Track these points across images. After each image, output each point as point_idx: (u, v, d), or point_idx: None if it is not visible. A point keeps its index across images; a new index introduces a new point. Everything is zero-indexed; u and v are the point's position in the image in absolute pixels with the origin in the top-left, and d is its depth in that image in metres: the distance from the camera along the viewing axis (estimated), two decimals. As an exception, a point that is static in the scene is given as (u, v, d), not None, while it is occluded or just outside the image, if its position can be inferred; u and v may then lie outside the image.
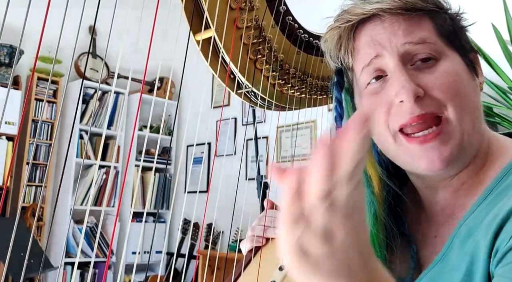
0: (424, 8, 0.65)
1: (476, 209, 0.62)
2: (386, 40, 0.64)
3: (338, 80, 0.74)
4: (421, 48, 0.63)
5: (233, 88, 0.83)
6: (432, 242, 0.70)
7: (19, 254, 2.34)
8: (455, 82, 0.62)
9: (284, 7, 0.82)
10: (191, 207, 2.11)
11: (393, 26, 0.64)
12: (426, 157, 0.62)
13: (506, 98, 2.36)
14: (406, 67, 0.63)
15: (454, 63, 0.65)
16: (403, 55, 0.63)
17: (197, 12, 0.75)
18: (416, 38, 0.63)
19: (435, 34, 0.65)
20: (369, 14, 0.66)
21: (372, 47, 0.65)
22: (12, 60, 3.76)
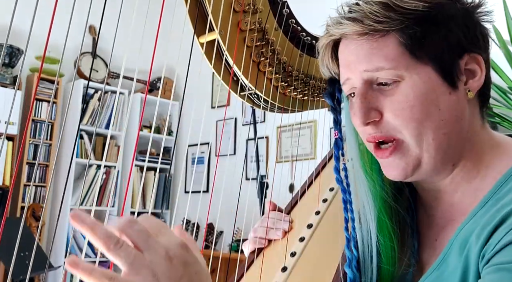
0: (385, 29, 0.63)
1: (474, 215, 0.63)
2: (352, 64, 0.67)
3: (329, 90, 0.79)
4: (380, 74, 0.64)
5: (236, 91, 0.83)
6: (433, 245, 0.71)
7: (19, 254, 2.35)
8: (412, 107, 0.63)
9: (287, 10, 0.82)
10: (191, 207, 2.11)
11: (358, 50, 0.66)
12: (388, 168, 0.68)
13: (506, 98, 2.37)
14: (371, 88, 0.66)
15: (417, 83, 0.63)
16: (367, 80, 0.66)
17: (201, 14, 0.76)
18: (374, 66, 0.64)
19: (399, 52, 0.63)
20: (337, 37, 0.69)
21: (344, 69, 0.69)
22: (12, 60, 3.75)
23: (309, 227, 0.85)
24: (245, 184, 3.66)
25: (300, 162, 3.15)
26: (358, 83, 0.67)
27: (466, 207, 0.66)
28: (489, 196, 0.63)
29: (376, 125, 0.65)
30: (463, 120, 0.66)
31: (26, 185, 3.83)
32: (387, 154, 0.66)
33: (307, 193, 0.96)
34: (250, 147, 3.95)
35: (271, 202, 0.91)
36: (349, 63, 0.67)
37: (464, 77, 0.65)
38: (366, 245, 0.71)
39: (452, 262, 0.62)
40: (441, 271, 0.64)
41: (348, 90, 0.70)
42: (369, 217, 0.71)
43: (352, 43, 0.66)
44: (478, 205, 0.64)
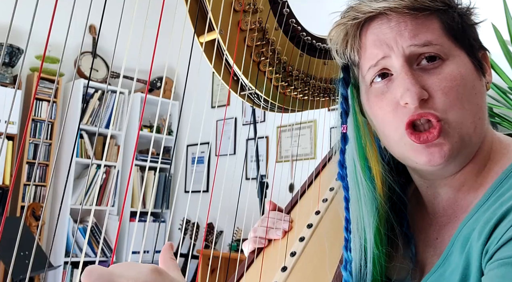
0: (432, 7, 0.64)
1: (476, 212, 0.63)
2: (392, 40, 0.64)
3: (344, 77, 0.75)
4: (427, 49, 0.63)
5: (236, 90, 0.83)
6: (433, 244, 0.71)
7: (19, 253, 2.35)
8: (458, 86, 0.63)
9: (288, 10, 0.82)
10: (191, 207, 2.11)
11: (400, 26, 0.64)
12: (427, 152, 0.63)
13: (506, 98, 2.37)
14: (412, 68, 0.64)
15: (460, 64, 0.64)
16: (409, 57, 0.64)
17: (201, 14, 0.75)
18: (421, 40, 0.63)
19: (442, 34, 0.64)
20: (376, 12, 0.66)
21: (379, 48, 0.66)
22: (12, 59, 3.75)
23: (309, 227, 0.85)
24: (245, 184, 3.66)
25: (300, 162, 3.15)
26: (399, 61, 0.64)
27: (468, 203, 0.66)
28: (490, 192, 0.63)
29: (424, 104, 0.63)
30: (486, 110, 0.67)
31: (26, 185, 3.83)
32: (435, 133, 0.62)
33: (307, 192, 0.96)
34: (250, 146, 3.95)
35: (271, 201, 0.91)
36: (387, 40, 0.65)
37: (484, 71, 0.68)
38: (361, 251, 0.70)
39: (454, 260, 0.62)
40: (444, 269, 0.63)
41: (377, 72, 0.67)
42: (367, 226, 0.70)
43: (393, 20, 0.65)
44: (479, 202, 0.63)
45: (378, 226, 0.71)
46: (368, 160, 0.73)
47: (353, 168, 0.73)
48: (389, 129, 0.67)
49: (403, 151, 0.67)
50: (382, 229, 0.71)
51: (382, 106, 0.67)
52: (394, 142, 0.67)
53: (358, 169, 0.73)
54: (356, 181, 0.73)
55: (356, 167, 0.73)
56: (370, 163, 0.73)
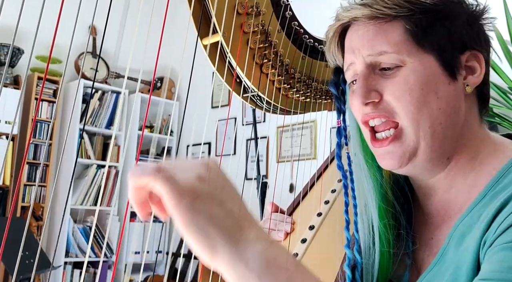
0: (394, 14, 0.66)
1: (470, 211, 0.64)
2: (357, 49, 0.69)
3: (334, 78, 0.80)
4: (383, 58, 0.66)
5: (239, 92, 0.83)
6: (429, 243, 0.71)
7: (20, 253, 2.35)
8: (411, 91, 0.65)
9: (290, 12, 0.82)
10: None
11: (363, 35, 0.68)
12: (383, 157, 0.69)
13: (506, 99, 2.37)
14: (373, 73, 0.68)
15: (419, 69, 0.65)
16: (370, 64, 0.68)
17: (205, 16, 0.76)
18: (377, 50, 0.67)
19: (403, 39, 0.66)
20: (346, 21, 0.70)
21: (349, 54, 0.71)
22: (12, 59, 3.75)
23: (311, 229, 0.85)
24: (245, 184, 3.66)
25: (300, 162, 3.15)
26: (360, 67, 0.68)
27: (461, 204, 0.67)
28: (485, 191, 0.64)
29: (375, 106, 0.67)
30: (459, 114, 0.67)
31: (27, 185, 3.83)
32: (386, 143, 0.67)
33: (309, 194, 0.96)
34: (250, 146, 3.95)
35: (272, 203, 0.91)
36: (354, 48, 0.69)
37: (464, 72, 0.68)
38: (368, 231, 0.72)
39: (449, 257, 0.63)
40: (439, 267, 0.64)
41: (351, 77, 0.72)
42: (371, 205, 0.73)
43: (360, 29, 0.68)
44: (475, 201, 0.64)
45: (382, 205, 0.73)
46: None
47: (357, 157, 0.76)
48: (361, 127, 0.72)
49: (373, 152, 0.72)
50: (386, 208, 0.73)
51: (351, 105, 0.71)
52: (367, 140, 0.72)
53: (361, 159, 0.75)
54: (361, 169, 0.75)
55: (360, 157, 0.75)
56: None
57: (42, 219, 3.67)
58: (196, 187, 0.45)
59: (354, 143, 0.77)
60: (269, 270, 0.46)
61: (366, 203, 0.73)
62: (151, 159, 4.41)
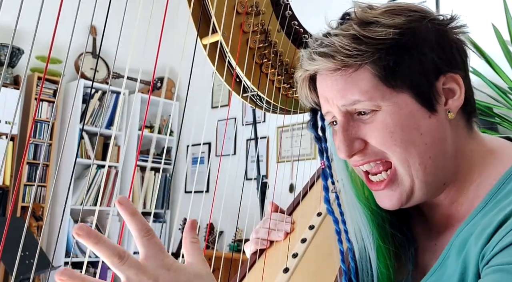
0: (359, 63, 0.63)
1: (472, 219, 0.64)
2: (330, 99, 0.67)
3: (311, 120, 0.80)
4: (357, 107, 0.65)
5: (238, 92, 0.83)
6: (433, 249, 0.72)
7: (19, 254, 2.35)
8: (392, 133, 0.64)
9: (290, 12, 0.82)
10: (191, 207, 2.10)
11: (332, 86, 0.66)
12: (381, 199, 0.69)
13: (506, 99, 2.37)
14: (352, 119, 0.67)
15: (395, 110, 0.63)
16: (346, 112, 0.67)
17: (204, 16, 0.76)
18: (350, 101, 0.65)
19: (374, 84, 0.63)
20: (312, 72, 0.69)
21: (324, 103, 0.70)
22: (12, 59, 3.75)
23: (311, 228, 0.85)
24: (245, 184, 3.65)
25: (300, 162, 3.15)
26: (338, 116, 0.68)
27: (463, 214, 0.67)
28: (487, 199, 0.64)
29: (363, 153, 0.67)
30: (446, 142, 0.66)
31: (26, 185, 3.83)
32: (382, 186, 0.67)
33: (308, 194, 0.96)
34: (250, 146, 3.95)
35: (272, 203, 0.91)
36: (326, 98, 0.68)
37: (443, 98, 0.65)
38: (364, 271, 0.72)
39: (451, 264, 0.63)
40: (441, 273, 0.64)
41: (330, 120, 0.71)
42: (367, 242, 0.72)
43: (327, 79, 0.67)
44: (477, 208, 0.64)
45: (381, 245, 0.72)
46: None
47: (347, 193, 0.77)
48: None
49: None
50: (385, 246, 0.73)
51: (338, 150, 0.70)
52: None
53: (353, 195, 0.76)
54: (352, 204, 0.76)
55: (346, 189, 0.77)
56: None
57: (42, 219, 3.67)
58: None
59: (340, 172, 0.77)
60: None
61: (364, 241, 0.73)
62: (151, 158, 4.42)
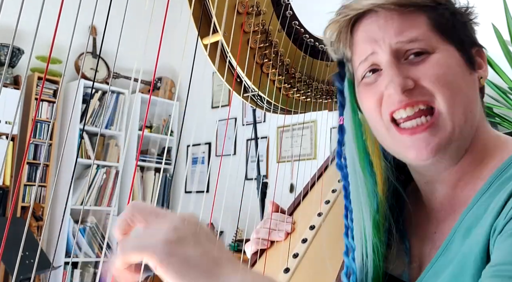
0: (419, 4, 0.66)
1: (476, 203, 0.63)
2: (380, 37, 0.67)
3: (339, 71, 0.77)
4: (412, 45, 0.65)
5: (239, 92, 0.83)
6: (432, 238, 0.71)
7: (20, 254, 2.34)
8: (445, 74, 0.64)
9: (291, 12, 0.82)
10: (191, 207, 2.10)
11: (387, 23, 0.66)
12: (415, 147, 0.65)
13: (506, 99, 2.37)
14: (399, 62, 0.66)
15: (447, 56, 0.66)
16: (396, 52, 0.66)
17: (205, 16, 0.76)
18: (407, 37, 0.65)
19: (429, 29, 0.66)
20: (365, 9, 0.68)
21: (368, 44, 0.68)
22: (12, 59, 3.75)
23: (312, 229, 0.85)
24: (246, 184, 3.65)
25: (300, 162, 3.15)
26: (385, 56, 0.66)
27: (466, 197, 0.66)
28: (491, 181, 0.63)
29: (411, 93, 0.64)
30: (478, 105, 0.68)
31: (27, 185, 3.83)
32: (419, 130, 0.64)
33: (309, 194, 0.96)
34: (250, 147, 3.95)
35: (273, 202, 0.91)
36: (376, 37, 0.67)
37: (476, 66, 0.69)
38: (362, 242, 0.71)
39: (455, 248, 0.62)
40: (444, 258, 0.64)
41: (368, 67, 0.69)
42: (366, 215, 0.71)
43: (381, 18, 0.67)
44: (480, 191, 0.64)
45: (376, 218, 0.71)
46: (369, 155, 0.74)
47: (352, 161, 0.74)
48: (376, 122, 0.69)
49: (392, 145, 0.69)
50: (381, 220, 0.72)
51: (369, 97, 0.69)
52: (383, 136, 0.69)
53: (357, 163, 0.74)
54: (355, 175, 0.74)
55: (355, 161, 0.74)
56: (371, 158, 0.74)
57: (42, 219, 3.67)
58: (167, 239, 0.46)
59: (350, 144, 0.75)
60: None
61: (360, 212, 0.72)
62: (151, 158, 4.41)
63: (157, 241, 0.45)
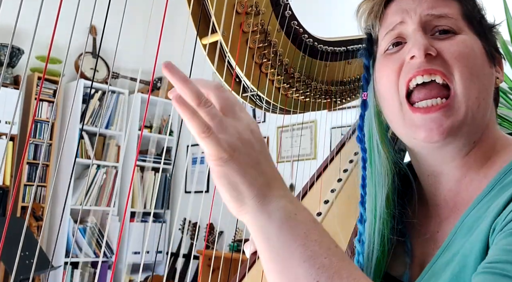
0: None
1: (478, 203, 0.63)
2: (412, 8, 0.68)
3: (367, 47, 0.77)
4: (442, 21, 0.67)
5: (238, 92, 0.83)
6: (434, 237, 0.70)
7: (19, 254, 2.34)
8: (468, 55, 0.65)
9: (290, 12, 0.82)
10: (191, 207, 2.10)
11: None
12: (426, 126, 0.64)
13: (506, 99, 2.37)
14: (425, 34, 0.67)
15: (472, 40, 0.67)
16: (425, 24, 0.67)
17: (204, 16, 0.76)
18: (438, 12, 0.67)
19: (459, 14, 0.68)
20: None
21: (398, 14, 0.70)
22: (12, 59, 3.75)
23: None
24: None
25: (300, 162, 3.15)
26: (413, 26, 0.67)
27: (470, 196, 0.66)
28: (494, 183, 0.63)
29: (432, 60, 0.65)
30: (491, 98, 0.69)
31: (27, 185, 3.83)
32: (434, 109, 0.64)
33: (308, 194, 0.96)
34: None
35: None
36: (407, 9, 0.69)
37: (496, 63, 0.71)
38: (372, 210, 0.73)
39: (455, 248, 0.62)
40: (444, 257, 0.63)
41: (393, 39, 0.70)
42: (379, 190, 0.73)
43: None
44: (483, 193, 0.64)
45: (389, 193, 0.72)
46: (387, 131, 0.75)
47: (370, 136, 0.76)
48: (391, 97, 0.69)
49: (402, 124, 0.68)
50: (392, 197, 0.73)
51: (389, 66, 0.69)
52: (394, 115, 0.69)
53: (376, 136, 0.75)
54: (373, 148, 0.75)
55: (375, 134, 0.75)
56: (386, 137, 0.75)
57: (42, 219, 3.67)
58: (236, 145, 0.47)
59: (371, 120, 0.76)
60: (289, 223, 0.49)
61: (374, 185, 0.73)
62: (151, 158, 4.41)
63: (234, 134, 0.47)
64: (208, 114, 0.47)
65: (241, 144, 0.48)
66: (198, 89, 0.47)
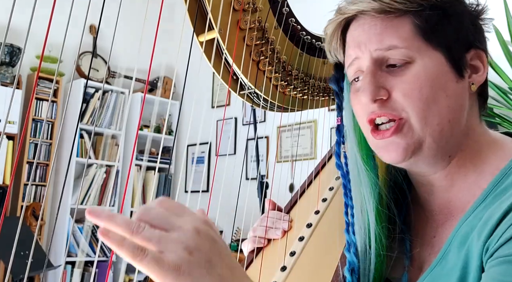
0: (403, 9, 0.65)
1: (473, 211, 0.63)
2: (363, 43, 0.67)
3: (335, 74, 0.79)
4: (392, 54, 0.65)
5: (236, 90, 0.83)
6: (431, 242, 0.71)
7: (19, 253, 2.34)
8: (421, 88, 0.64)
9: (287, 9, 0.82)
10: (191, 207, 2.10)
11: (370, 29, 0.66)
12: (387, 149, 0.67)
13: (506, 99, 2.37)
14: (379, 69, 0.66)
15: (429, 66, 0.65)
16: (377, 59, 0.66)
17: (201, 13, 0.75)
18: (386, 45, 0.65)
19: (412, 35, 0.65)
20: (351, 14, 0.68)
21: (353, 49, 0.69)
22: (12, 59, 3.75)
23: (309, 227, 0.85)
24: (245, 184, 3.66)
25: (300, 162, 3.15)
26: (366, 63, 0.67)
27: (464, 203, 0.67)
28: (488, 191, 0.63)
29: (383, 104, 0.65)
30: (464, 112, 0.67)
31: (26, 184, 3.83)
32: (388, 133, 0.65)
33: (306, 192, 0.96)
34: (250, 146, 3.95)
35: (271, 200, 0.91)
36: (359, 43, 0.67)
37: (469, 71, 0.67)
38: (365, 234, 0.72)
39: (452, 258, 0.63)
40: (442, 267, 0.64)
41: (354, 74, 0.70)
42: (368, 207, 0.72)
43: (366, 23, 0.67)
44: (477, 200, 0.64)
45: (379, 209, 0.72)
46: (371, 149, 0.74)
47: (354, 157, 0.75)
48: (361, 125, 0.71)
49: (372, 147, 0.70)
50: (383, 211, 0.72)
51: (355, 103, 0.70)
52: (367, 138, 0.71)
53: (358, 158, 0.74)
54: (357, 168, 0.74)
55: (357, 156, 0.74)
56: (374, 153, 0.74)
57: (43, 218, 3.67)
58: (183, 259, 0.43)
59: (351, 142, 0.75)
60: None
61: (363, 204, 0.72)
62: (151, 158, 4.41)
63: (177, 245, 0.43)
64: (143, 239, 0.44)
65: (188, 255, 0.43)
66: (126, 220, 0.44)
